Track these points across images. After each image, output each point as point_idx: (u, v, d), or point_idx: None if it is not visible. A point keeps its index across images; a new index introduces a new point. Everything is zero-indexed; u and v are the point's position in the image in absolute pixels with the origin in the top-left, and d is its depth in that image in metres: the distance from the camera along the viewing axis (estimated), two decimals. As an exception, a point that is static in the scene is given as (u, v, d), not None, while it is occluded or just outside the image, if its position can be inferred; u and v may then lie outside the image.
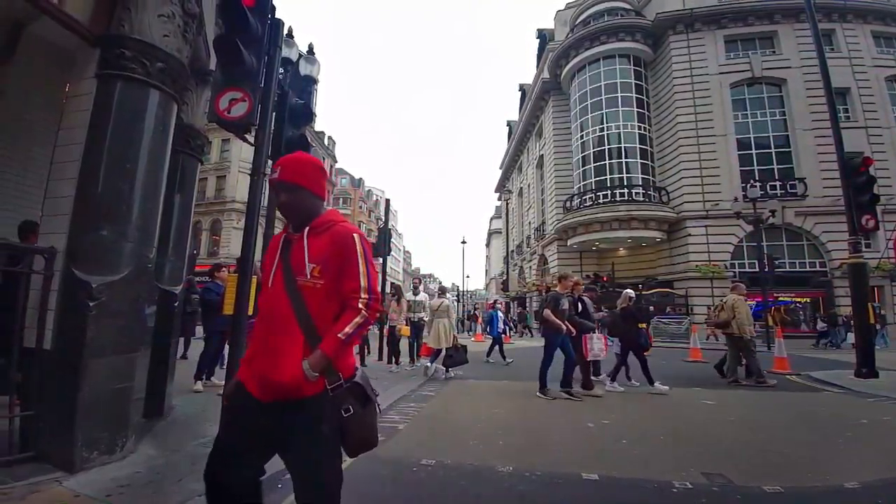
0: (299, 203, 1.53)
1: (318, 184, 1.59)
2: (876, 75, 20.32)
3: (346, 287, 1.46)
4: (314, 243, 1.48)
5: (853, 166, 7.30)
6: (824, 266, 19.33)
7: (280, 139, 3.99)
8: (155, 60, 3.01)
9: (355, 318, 1.43)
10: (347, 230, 1.51)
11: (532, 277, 32.22)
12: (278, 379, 1.38)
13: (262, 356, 1.45)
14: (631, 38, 23.19)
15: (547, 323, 5.90)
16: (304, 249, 1.47)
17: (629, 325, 6.71)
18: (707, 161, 20.69)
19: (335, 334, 1.40)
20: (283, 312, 1.44)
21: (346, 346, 1.44)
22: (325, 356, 1.39)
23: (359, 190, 59.79)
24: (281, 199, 1.53)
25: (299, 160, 1.60)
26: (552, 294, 6.16)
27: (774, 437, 4.16)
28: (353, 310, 1.44)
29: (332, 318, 1.45)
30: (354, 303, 1.44)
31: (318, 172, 1.61)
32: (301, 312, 1.42)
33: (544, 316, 5.89)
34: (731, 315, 6.99)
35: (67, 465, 2.45)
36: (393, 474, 3.00)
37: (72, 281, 2.61)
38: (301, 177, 1.54)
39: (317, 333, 1.42)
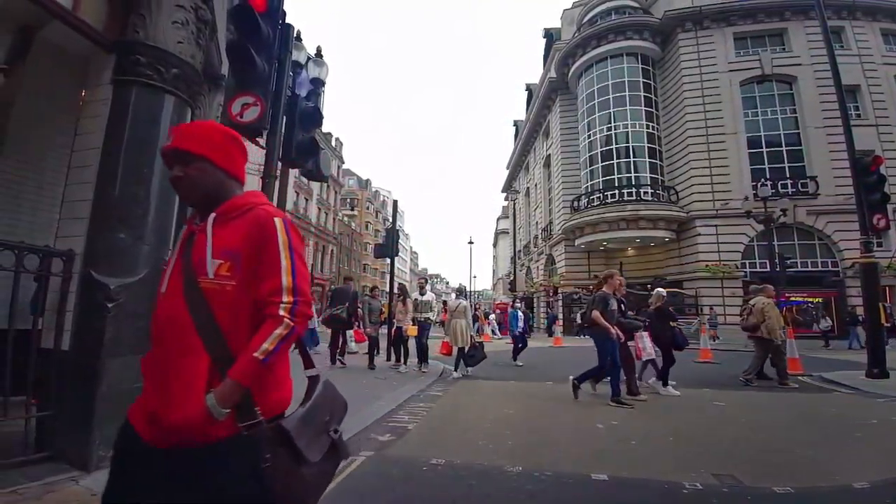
0: (199, 180, 1.18)
1: (227, 156, 1.23)
2: (885, 73, 19.98)
3: (264, 288, 1.12)
4: (223, 233, 1.15)
5: (864, 165, 7.22)
6: (836, 266, 19.05)
7: (290, 142, 4.05)
8: (170, 67, 3.08)
9: (275, 330, 1.08)
10: (267, 213, 1.18)
11: (539, 278, 32.13)
12: (172, 419, 1.03)
13: (154, 387, 1.11)
14: (639, 37, 23.04)
15: (596, 326, 5.53)
16: (208, 240, 1.14)
17: (664, 325, 6.54)
18: (717, 160, 20.49)
19: (250, 354, 1.05)
20: (179, 326, 1.10)
21: (268, 369, 1.08)
22: (238, 385, 1.04)
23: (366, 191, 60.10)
24: (174, 175, 1.18)
25: (201, 125, 1.30)
26: (600, 294, 5.74)
27: (784, 437, 4.14)
28: (273, 318, 1.09)
29: (251, 331, 1.10)
30: (274, 309, 1.10)
31: (229, 142, 1.26)
32: (204, 325, 1.08)
33: (593, 318, 5.50)
34: (761, 318, 6.89)
35: (83, 465, 2.51)
36: (403, 474, 3.04)
37: (90, 283, 2.68)
38: (202, 144, 1.19)
39: (229, 353, 1.07)
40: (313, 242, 36.86)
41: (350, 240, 49.11)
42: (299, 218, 33.82)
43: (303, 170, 4.40)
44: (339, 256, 43.91)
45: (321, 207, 39.17)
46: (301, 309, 1.13)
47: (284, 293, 1.11)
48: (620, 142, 22.96)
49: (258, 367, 1.06)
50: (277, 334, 1.08)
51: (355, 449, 3.51)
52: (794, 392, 6.61)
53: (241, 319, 1.12)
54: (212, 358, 1.07)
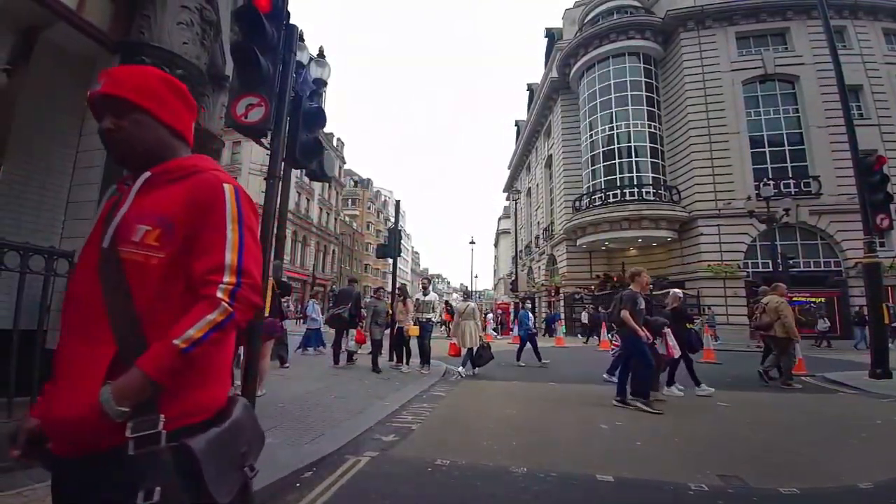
0: (135, 135, 0.98)
1: (170, 109, 1.03)
2: (887, 72, 19.87)
3: (202, 265, 0.91)
4: (157, 196, 0.96)
5: (867, 165, 7.20)
6: (839, 266, 18.98)
7: (295, 143, 4.05)
8: (174, 67, 3.09)
9: (208, 314, 0.87)
10: (216, 179, 0.98)
11: (541, 278, 32.11)
12: (60, 413, 0.84)
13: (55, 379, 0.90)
14: (641, 36, 22.98)
15: (625, 326, 5.36)
16: (130, 201, 0.95)
17: (680, 326, 6.45)
18: (719, 159, 20.42)
19: (169, 340, 0.83)
20: (86, 305, 0.90)
21: (190, 363, 0.85)
22: (143, 377, 0.81)
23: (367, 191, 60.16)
24: (104, 127, 0.97)
25: (139, 69, 1.08)
26: (628, 293, 5.54)
27: (789, 438, 4.14)
28: (208, 300, 0.88)
29: (177, 315, 0.88)
30: (210, 289, 0.89)
31: (172, 93, 1.04)
32: (117, 303, 0.87)
33: (622, 318, 5.34)
34: (775, 317, 6.86)
35: None
36: (408, 475, 3.04)
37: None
38: (140, 93, 0.98)
39: (143, 339, 0.86)
40: (315, 243, 36.90)
41: (351, 240, 49.14)
42: (301, 218, 33.86)
43: (307, 170, 4.40)
44: (341, 256, 43.94)
45: (323, 207, 39.20)
46: (245, 293, 0.92)
47: (226, 272, 0.91)
48: (622, 141, 22.91)
49: (175, 357, 0.83)
50: (210, 320, 0.87)
51: (360, 449, 3.53)
52: (797, 392, 6.58)
53: (166, 303, 0.90)
54: (119, 345, 0.85)
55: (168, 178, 0.99)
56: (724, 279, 19.39)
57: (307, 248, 35.40)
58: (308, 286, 31.28)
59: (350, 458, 3.30)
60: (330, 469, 3.06)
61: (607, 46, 23.43)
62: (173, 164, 1.01)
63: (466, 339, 8.04)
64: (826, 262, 19.30)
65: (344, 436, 3.78)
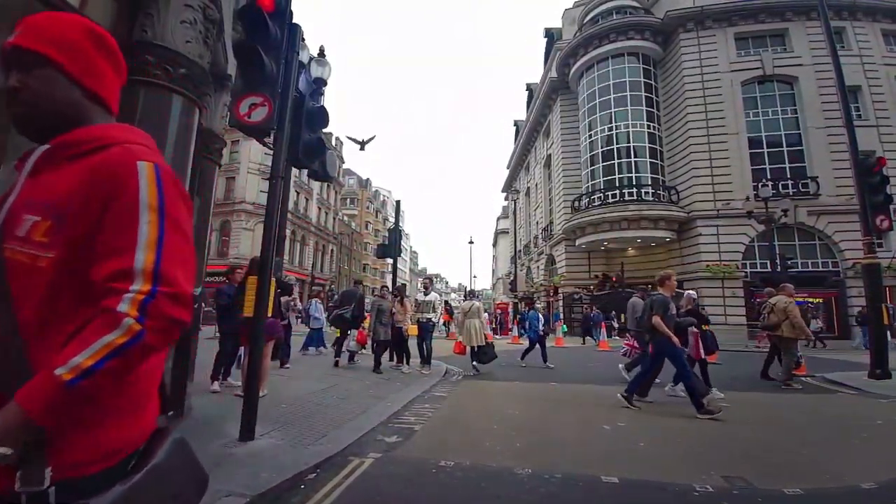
0: (40, 96, 0.80)
1: (86, 64, 0.84)
2: (886, 73, 19.94)
3: (103, 267, 0.71)
4: (50, 176, 0.78)
5: (867, 166, 7.23)
6: (837, 266, 19.06)
7: (297, 143, 4.04)
8: (178, 66, 3.06)
9: (105, 335, 0.67)
10: (128, 154, 0.78)
11: (540, 278, 32.13)
12: None
13: None
14: (640, 37, 23.00)
15: (656, 331, 5.21)
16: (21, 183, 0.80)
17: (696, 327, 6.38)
18: (718, 160, 20.47)
19: (50, 370, 0.65)
20: None
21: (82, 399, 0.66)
22: (22, 414, 0.63)
23: (366, 190, 60.10)
24: (8, 84, 0.79)
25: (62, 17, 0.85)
26: (659, 298, 5.35)
27: (790, 438, 4.14)
28: (107, 316, 0.68)
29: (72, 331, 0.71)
30: (112, 300, 0.69)
31: (93, 45, 0.85)
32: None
33: (654, 324, 5.19)
34: (783, 317, 6.88)
35: None
36: (413, 476, 3.03)
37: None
38: (53, 44, 0.80)
39: (26, 364, 0.69)
40: (314, 242, 36.84)
41: (350, 239, 49.08)
42: (300, 217, 33.80)
43: (309, 170, 4.39)
44: (340, 256, 43.88)
45: (321, 207, 39.13)
46: (161, 306, 0.70)
47: (137, 278, 0.70)
48: (621, 142, 22.94)
49: (58, 392, 0.64)
50: (106, 342, 0.66)
51: (363, 450, 3.52)
52: (797, 393, 6.60)
53: (59, 317, 0.72)
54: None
55: (68, 152, 0.78)
56: (723, 279, 19.44)
57: (306, 248, 35.34)
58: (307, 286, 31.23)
59: (354, 459, 3.30)
60: (334, 470, 3.05)
61: (607, 46, 23.45)
62: (76, 134, 0.80)
63: (472, 337, 8.20)
64: (824, 263, 19.37)
65: (347, 437, 3.77)
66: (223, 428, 3.74)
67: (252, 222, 29.14)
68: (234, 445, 3.30)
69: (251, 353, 3.53)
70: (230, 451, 3.19)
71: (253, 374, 3.50)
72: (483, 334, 8.31)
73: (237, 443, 3.34)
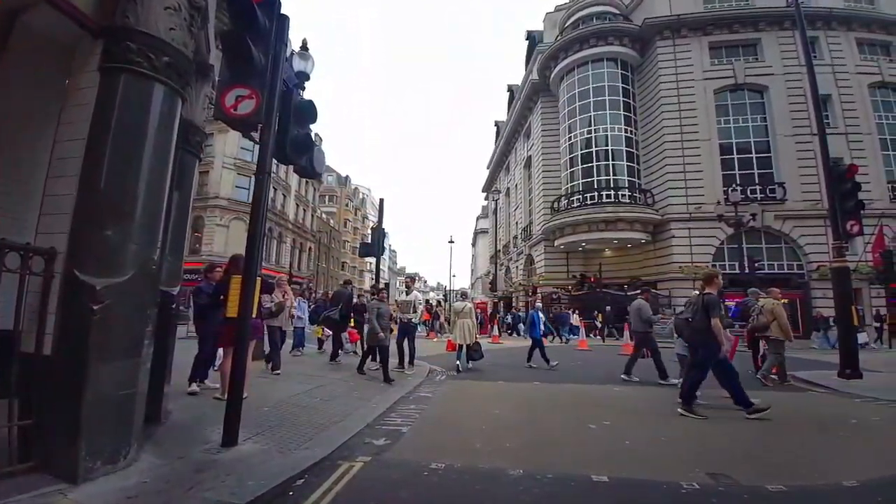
0: None
1: None
2: (859, 82, 20.90)
3: None
4: None
5: (840, 173, 7.55)
6: (802, 268, 19.97)
7: (285, 138, 3.91)
8: (161, 54, 2.91)
9: None
10: None
11: (519, 277, 32.43)
12: None
13: None
14: (619, 43, 23.48)
15: (709, 334, 4.90)
16: None
17: None
18: (691, 164, 21.12)
19: None
20: None
21: None
22: None
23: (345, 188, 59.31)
24: None
25: None
26: (713, 299, 4.99)
27: (769, 436, 4.27)
28: None
29: None
30: None
31: None
32: None
33: (714, 327, 4.85)
34: (771, 318, 7.09)
35: (71, 476, 2.35)
36: (404, 479, 2.98)
37: (74, 283, 2.50)
38: None
39: None
40: (291, 240, 36.08)
41: (329, 237, 48.31)
42: (277, 214, 33.05)
43: (296, 167, 4.26)
44: (318, 254, 43.14)
45: (299, 204, 38.38)
46: None
47: None
48: (600, 144, 23.37)
49: None
50: None
51: (352, 454, 3.44)
52: (771, 391, 6.83)
53: None
54: None
55: None
56: (694, 280, 20.06)
57: (283, 246, 34.58)
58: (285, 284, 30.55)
59: (343, 463, 3.22)
60: (323, 476, 2.96)
61: (587, 51, 23.84)
62: None
63: (465, 335, 8.43)
64: (790, 265, 20.26)
65: (334, 440, 3.68)
66: (204, 432, 3.60)
67: (227, 218, 28.31)
68: (218, 451, 3.17)
69: (236, 355, 3.39)
70: (213, 457, 3.06)
71: (238, 377, 3.37)
72: (475, 333, 8.57)
73: (220, 448, 3.21)
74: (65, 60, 2.98)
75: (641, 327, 7.68)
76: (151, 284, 2.97)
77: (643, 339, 7.72)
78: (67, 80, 2.90)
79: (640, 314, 7.70)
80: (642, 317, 7.65)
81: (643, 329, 7.67)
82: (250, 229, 3.57)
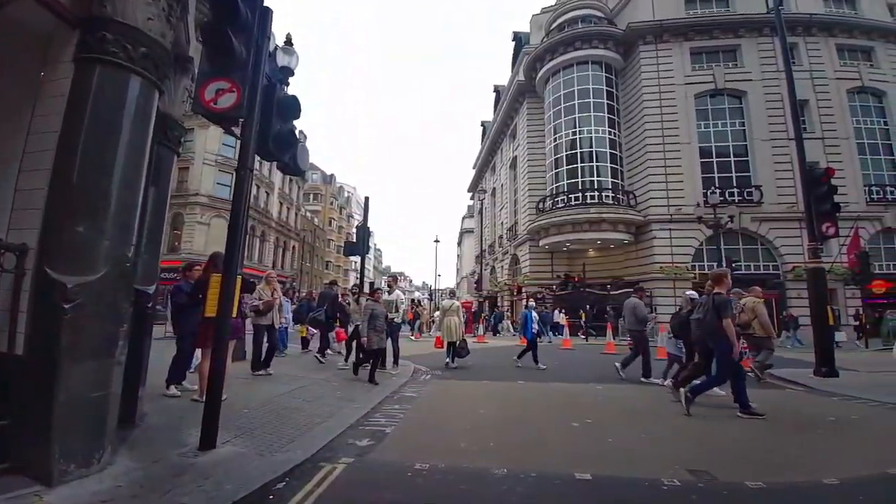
0: None
1: None
2: (837, 87, 21.55)
3: None
4: None
5: (816, 176, 7.78)
6: (777, 269, 20.57)
7: (267, 133, 3.82)
8: (138, 45, 2.82)
9: None
10: None
11: (504, 277, 32.60)
12: None
13: None
14: (603, 46, 23.80)
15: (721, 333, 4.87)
16: None
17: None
18: (672, 167, 21.55)
19: None
20: None
21: None
22: None
23: (330, 186, 58.67)
24: None
25: None
26: (723, 300, 4.98)
27: (748, 433, 4.36)
28: None
29: None
30: None
31: None
32: None
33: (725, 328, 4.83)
34: (752, 316, 7.21)
35: (45, 479, 2.29)
36: (388, 480, 2.95)
37: (45, 281, 2.40)
38: None
39: None
40: (274, 238, 35.53)
41: (313, 236, 47.73)
42: (260, 212, 32.51)
43: (279, 164, 4.17)
44: (302, 253, 42.58)
45: (283, 202, 37.81)
46: None
47: None
48: (584, 146, 23.66)
49: None
50: None
51: (334, 455, 3.39)
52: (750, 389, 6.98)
53: None
54: None
55: None
56: (674, 280, 20.51)
57: (266, 244, 34.03)
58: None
59: (325, 465, 3.16)
60: (304, 478, 2.90)
61: (572, 53, 24.09)
62: None
63: (453, 332, 8.76)
64: (766, 266, 20.85)
65: (316, 442, 3.62)
66: (181, 435, 3.50)
67: (207, 216, 27.72)
68: (195, 455, 3.08)
69: (215, 355, 3.31)
70: (191, 460, 2.97)
71: (217, 378, 3.28)
72: (461, 331, 8.85)
73: (198, 451, 3.12)
74: (42, 52, 2.85)
75: (636, 325, 7.69)
76: (125, 283, 2.87)
77: (638, 338, 7.71)
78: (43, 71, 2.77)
79: (634, 312, 7.70)
80: (637, 315, 7.66)
81: (638, 328, 7.67)
82: (231, 226, 3.48)
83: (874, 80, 21.85)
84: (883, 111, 21.96)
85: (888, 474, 3.13)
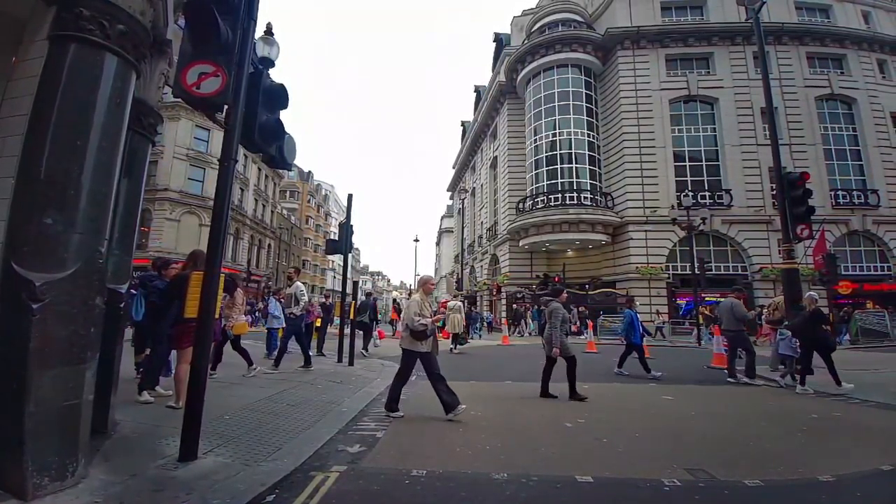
0: None
1: None
2: (806, 95, 22.46)
3: None
4: None
5: (791, 180, 8.07)
6: (746, 270, 21.38)
7: (252, 123, 3.60)
8: (115, 22, 2.59)
9: None
10: None
11: (483, 277, 32.69)
12: None
13: None
14: (583, 50, 24.18)
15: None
16: None
17: (818, 327, 6.68)
18: (647, 170, 22.11)
19: None
20: None
21: None
22: None
23: (307, 183, 57.45)
24: None
25: None
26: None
27: (737, 431, 4.43)
28: None
29: None
30: None
31: None
32: None
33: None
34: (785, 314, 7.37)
35: (21, 493, 2.09)
36: (385, 489, 2.82)
37: (11, 278, 2.16)
38: None
39: None
40: (249, 236, 34.49)
41: (290, 234, 46.61)
42: (234, 209, 31.47)
43: (264, 156, 3.95)
44: (278, 251, 41.51)
45: (258, 199, 36.74)
46: None
47: None
48: (564, 148, 23.97)
49: None
50: None
51: (326, 463, 3.22)
52: (727, 386, 7.18)
53: None
54: None
55: None
56: (650, 280, 21.04)
57: (240, 242, 32.98)
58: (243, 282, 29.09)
59: (317, 474, 2.99)
60: (296, 490, 2.72)
61: (552, 56, 24.37)
62: None
63: (456, 325, 11.98)
64: (734, 267, 21.65)
65: (305, 449, 3.44)
66: (159, 445, 3.26)
67: (178, 212, 26.63)
68: (175, 466, 2.85)
69: (196, 359, 3.08)
70: (171, 473, 2.75)
71: (198, 383, 3.06)
72: (462, 324, 12.01)
73: (178, 463, 2.89)
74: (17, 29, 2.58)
75: (735, 325, 7.61)
76: (98, 281, 2.62)
77: (736, 338, 7.68)
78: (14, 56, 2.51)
79: (732, 312, 7.60)
80: (736, 315, 7.56)
81: (736, 328, 7.61)
82: (214, 222, 3.25)
83: (844, 88, 22.84)
84: (852, 118, 22.95)
85: (881, 470, 3.21)
